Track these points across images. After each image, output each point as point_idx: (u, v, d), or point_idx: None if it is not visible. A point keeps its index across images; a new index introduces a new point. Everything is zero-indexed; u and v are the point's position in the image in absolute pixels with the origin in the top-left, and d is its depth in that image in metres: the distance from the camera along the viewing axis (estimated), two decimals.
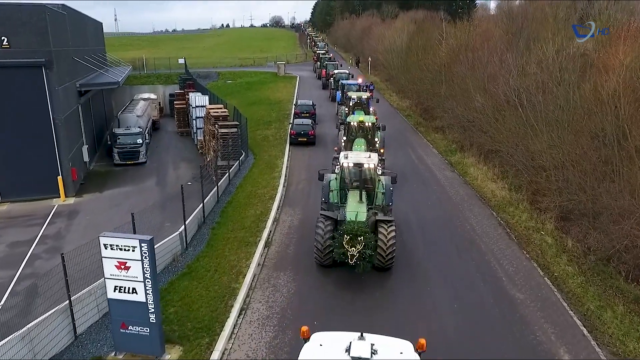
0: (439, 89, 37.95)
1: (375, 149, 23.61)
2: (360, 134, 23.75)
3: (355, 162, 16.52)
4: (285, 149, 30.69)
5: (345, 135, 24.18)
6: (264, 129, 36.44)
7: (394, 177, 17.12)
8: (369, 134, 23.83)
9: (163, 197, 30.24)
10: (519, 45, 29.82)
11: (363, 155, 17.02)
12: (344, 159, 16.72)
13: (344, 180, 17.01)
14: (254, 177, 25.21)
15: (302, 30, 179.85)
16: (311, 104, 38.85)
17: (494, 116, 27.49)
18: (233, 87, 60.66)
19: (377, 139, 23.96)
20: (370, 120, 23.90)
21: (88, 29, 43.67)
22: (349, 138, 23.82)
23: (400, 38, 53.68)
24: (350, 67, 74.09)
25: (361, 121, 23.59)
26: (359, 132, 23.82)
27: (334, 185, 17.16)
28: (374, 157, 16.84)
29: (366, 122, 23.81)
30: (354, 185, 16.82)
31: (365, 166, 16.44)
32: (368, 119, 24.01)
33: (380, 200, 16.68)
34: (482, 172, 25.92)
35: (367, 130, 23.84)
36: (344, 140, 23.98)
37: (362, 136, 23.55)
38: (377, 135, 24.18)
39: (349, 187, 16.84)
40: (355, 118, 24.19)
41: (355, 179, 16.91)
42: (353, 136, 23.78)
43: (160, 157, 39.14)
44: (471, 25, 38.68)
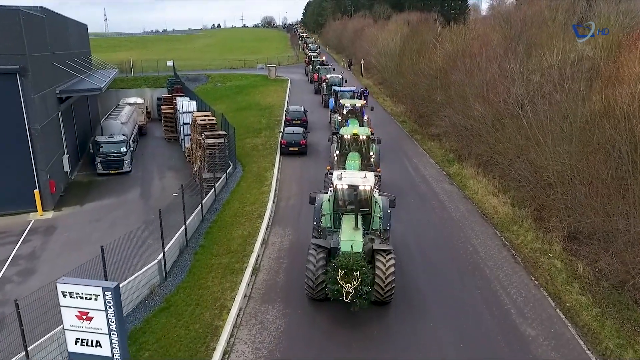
0: (434, 95, 36.73)
1: (371, 164, 22.16)
2: (354, 148, 22.32)
3: (350, 183, 15.09)
4: (276, 160, 29.27)
5: (338, 148, 22.76)
6: (254, 137, 34.99)
7: (392, 200, 15.69)
8: (364, 147, 22.41)
9: (147, 209, 28.75)
10: (517, 51, 28.65)
11: (358, 175, 15.59)
12: (337, 179, 15.29)
13: (337, 203, 15.61)
14: (242, 192, 23.76)
15: (293, 31, 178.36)
16: (302, 111, 37.45)
17: (493, 125, 26.29)
18: (222, 90, 59.11)
19: (372, 153, 22.58)
20: (365, 133, 22.38)
21: (70, 32, 41.95)
22: (342, 152, 22.39)
23: (393, 41, 52.46)
24: (343, 69, 72.81)
25: (355, 134, 22.15)
26: (352, 145, 22.38)
27: (326, 208, 15.73)
28: (370, 178, 15.42)
29: (360, 135, 22.26)
30: (349, 209, 15.42)
31: (361, 188, 15.01)
32: (362, 131, 22.58)
33: (377, 224, 15.27)
34: (482, 185, 24.69)
35: (362, 144, 22.40)
36: (337, 154, 22.56)
37: (356, 150, 22.11)
38: (373, 149, 22.76)
39: (343, 211, 15.46)
40: (349, 130, 22.61)
41: (350, 201, 15.50)
42: (346, 150, 22.34)
43: (145, 165, 37.59)
44: (467, 29, 37.50)
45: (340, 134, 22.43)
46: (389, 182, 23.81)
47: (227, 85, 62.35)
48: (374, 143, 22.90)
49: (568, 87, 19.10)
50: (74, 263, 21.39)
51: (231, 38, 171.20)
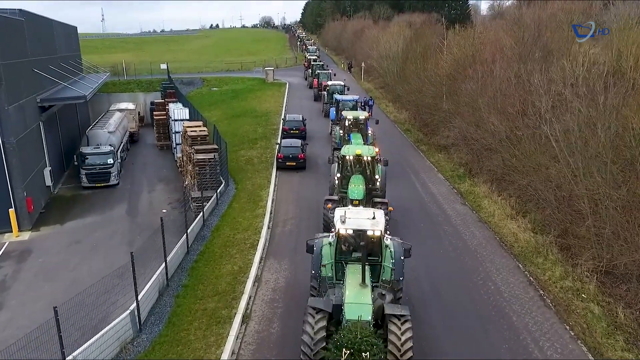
0: (441, 104, 34.55)
1: (376, 188, 19.76)
2: (357, 170, 19.92)
3: (356, 227, 12.60)
4: (272, 176, 27.01)
5: (339, 170, 20.27)
6: (249, 149, 32.75)
7: (407, 249, 13.12)
8: (368, 169, 20.03)
9: (133, 229, 26.52)
10: (534, 58, 26.47)
11: (365, 216, 13.17)
12: (340, 223, 12.72)
13: (340, 249, 13.12)
14: (234, 216, 21.50)
15: (292, 32, 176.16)
16: (301, 120, 35.20)
17: (508, 139, 24.10)
18: (218, 95, 56.88)
19: (377, 177, 20.09)
20: (370, 154, 19.75)
21: (57, 35, 39.67)
22: (343, 174, 20.04)
23: (396, 44, 50.30)
24: (345, 73, 70.60)
25: (358, 155, 19.64)
26: (355, 167, 20.00)
27: (327, 255, 13.19)
28: (379, 219, 13.00)
29: (365, 156, 19.74)
30: (354, 257, 12.99)
31: (370, 233, 12.55)
32: (367, 151, 19.95)
33: (389, 275, 12.88)
34: (498, 206, 22.48)
35: (366, 166, 20.08)
36: (338, 177, 20.10)
37: (359, 172, 19.76)
38: (378, 171, 20.28)
39: (348, 260, 13.01)
40: (351, 150, 20.00)
41: (355, 248, 13.03)
42: (349, 172, 19.87)
43: (135, 177, 35.38)
44: (475, 33, 35.30)
45: (342, 154, 19.98)
46: (395, 201, 21.58)
47: (223, 89, 60.12)
48: (379, 163, 20.53)
49: (602, 101, 16.88)
50: (46, 297, 19.23)
51: (229, 39, 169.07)
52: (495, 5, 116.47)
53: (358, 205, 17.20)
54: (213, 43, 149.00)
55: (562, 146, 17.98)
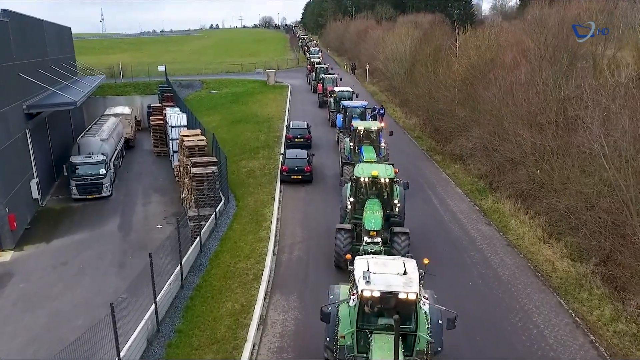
0: (456, 110, 32.38)
1: (395, 215, 17.20)
2: (373, 192, 17.36)
3: (385, 289, 9.90)
4: (276, 190, 24.79)
5: (352, 194, 17.47)
6: (250, 159, 30.53)
7: (451, 318, 10.02)
8: (386, 192, 17.40)
9: (124, 248, 24.39)
10: (562, 63, 24.31)
11: (394, 269, 10.43)
12: (363, 282, 9.96)
13: (363, 313, 10.40)
14: (235, 239, 19.28)
15: (292, 32, 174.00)
16: (306, 127, 32.99)
17: (538, 153, 21.93)
18: (217, 99, 54.68)
19: (396, 201, 17.32)
20: (388, 175, 17.06)
21: (48, 36, 37.47)
22: (357, 198, 17.46)
23: (403, 45, 48.08)
24: (348, 74, 68.39)
25: (375, 176, 16.92)
26: (371, 189, 17.41)
27: (346, 323, 10.50)
28: (412, 275, 10.29)
29: (382, 178, 17.06)
30: (382, 325, 10.29)
31: (402, 296, 9.78)
32: (384, 172, 17.13)
33: (424, 345, 10.17)
34: (527, 227, 20.31)
35: (384, 188, 17.42)
36: (351, 201, 17.41)
37: (375, 195, 17.33)
38: (397, 194, 17.52)
39: (373, 328, 10.32)
40: (367, 171, 17.17)
41: (385, 309, 10.34)
42: (364, 196, 17.38)
43: (129, 187, 33.24)
44: (492, 34, 33.09)
45: (356, 176, 17.27)
46: (413, 220, 19.39)
47: (223, 93, 57.94)
48: (397, 185, 17.73)
49: None
50: (24, 333, 17.09)
51: (229, 39, 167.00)
52: (497, 5, 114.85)
53: (375, 237, 15.01)
54: (213, 43, 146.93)
55: (610, 164, 15.79)
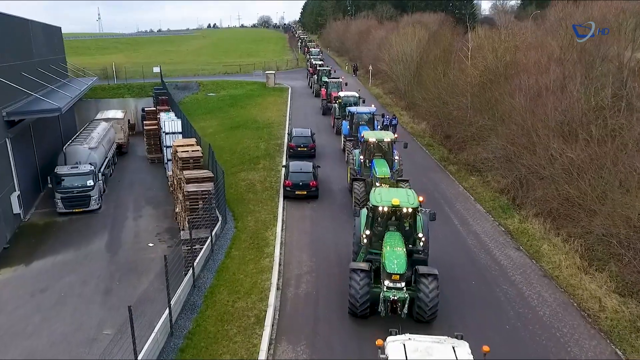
0: (471, 116, 30.12)
1: (418, 250, 14.46)
2: (393, 223, 14.74)
3: None
4: (278, 207, 22.43)
5: (368, 226, 14.77)
6: (250, 170, 28.16)
7: None
8: (407, 223, 14.79)
9: (112, 271, 22.07)
10: (594, 68, 22.07)
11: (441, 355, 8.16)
12: None
13: None
14: (233, 270, 16.89)
15: (291, 31, 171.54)
16: (310, 135, 30.67)
17: (575, 169, 19.65)
18: (215, 102, 52.32)
19: (421, 234, 14.53)
20: (411, 205, 14.39)
21: (35, 37, 35.08)
22: (374, 229, 14.87)
23: (409, 46, 45.81)
24: (350, 76, 66.07)
25: (396, 206, 14.24)
26: (390, 218, 14.75)
27: None
28: None
29: (404, 208, 14.36)
30: None
31: None
32: (407, 201, 14.44)
33: None
34: (562, 253, 18.01)
35: (405, 218, 14.76)
36: (367, 234, 14.69)
37: (395, 225, 14.64)
38: (420, 226, 14.75)
39: None
40: (385, 199, 14.51)
41: None
42: (381, 228, 14.80)
43: (120, 198, 30.91)
44: (508, 34, 30.81)
45: (373, 205, 14.61)
46: (432, 244, 16.91)
47: (220, 95, 55.59)
48: (419, 213, 14.84)
49: None
50: None
51: (227, 39, 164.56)
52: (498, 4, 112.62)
53: (398, 281, 12.68)
54: (211, 43, 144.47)
55: None
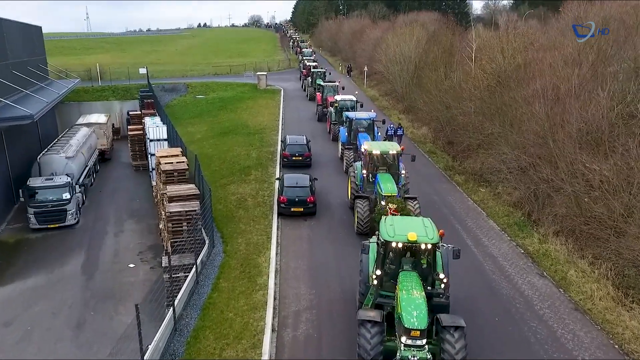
0: (478, 122, 28.15)
1: (439, 293, 12.14)
2: (408, 261, 12.37)
3: None
4: (272, 226, 20.20)
5: (379, 263, 12.32)
6: (240, 182, 25.90)
7: None
8: (425, 261, 12.49)
9: (87, 299, 19.72)
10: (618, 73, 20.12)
11: None
12: None
13: None
14: (221, 307, 14.63)
15: (283, 31, 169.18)
16: (305, 143, 28.48)
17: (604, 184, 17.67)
18: (204, 105, 49.95)
19: (441, 274, 12.16)
20: (430, 240, 11.92)
21: (11, 37, 32.58)
22: (385, 268, 12.43)
23: (408, 47, 43.84)
24: (344, 77, 63.95)
25: (413, 242, 11.73)
26: (405, 255, 12.39)
27: None
28: None
29: (422, 244, 11.88)
30: None
31: None
32: (425, 234, 12.01)
33: None
34: (592, 280, 16.02)
35: (424, 255, 12.45)
36: (378, 275, 12.13)
37: (410, 264, 12.34)
38: (440, 264, 12.59)
39: None
40: (400, 234, 11.96)
41: None
42: (394, 266, 12.41)
43: (100, 210, 28.46)
44: (516, 34, 28.86)
45: (384, 239, 12.03)
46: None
47: (210, 98, 53.22)
48: (440, 250, 12.53)
49: None
50: None
51: (217, 38, 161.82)
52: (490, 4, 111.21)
53: (419, 338, 10.48)
54: (200, 43, 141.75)
55: None
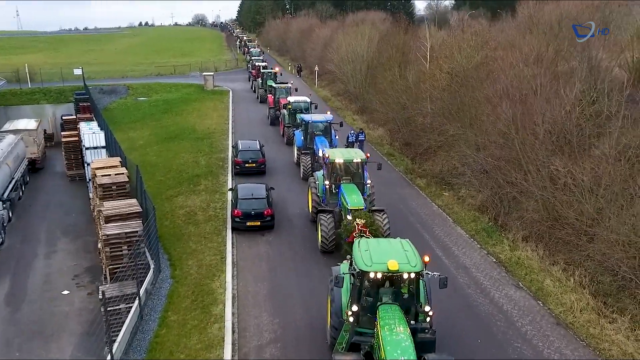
0: (434, 122, 27.40)
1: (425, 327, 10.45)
2: (388, 292, 10.60)
3: None
4: (227, 244, 18.23)
5: (355, 297, 10.45)
6: (189, 193, 23.68)
7: None
8: (406, 290, 10.75)
9: (9, 336, 16.77)
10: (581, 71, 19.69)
11: None
12: None
13: None
14: (170, 347, 12.52)
15: (228, 30, 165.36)
16: (258, 148, 26.58)
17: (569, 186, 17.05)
18: (146, 107, 46.80)
19: (427, 307, 10.52)
20: (414, 269, 10.22)
21: None
22: (362, 301, 10.61)
23: (360, 46, 42.83)
24: (294, 77, 62.23)
25: (394, 272, 10.00)
26: (383, 285, 10.60)
27: None
28: None
29: (404, 273, 10.18)
30: None
31: None
32: (407, 262, 10.30)
33: None
34: (568, 289, 15.26)
35: (405, 286, 10.70)
36: (354, 311, 10.32)
37: (390, 296, 10.56)
38: (423, 295, 10.95)
39: None
40: (377, 259, 10.30)
41: None
42: (371, 298, 10.65)
43: (30, 228, 25.20)
44: (472, 34, 28.31)
45: (361, 270, 10.27)
46: None
47: (153, 100, 50.05)
48: (421, 278, 10.65)
49: None
50: None
51: (160, 37, 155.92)
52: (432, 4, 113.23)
53: None
54: (142, 42, 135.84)
55: None
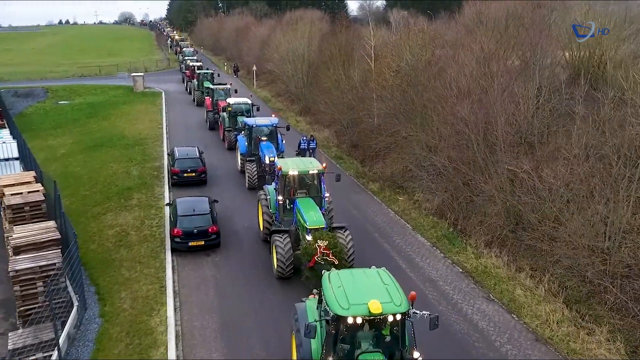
0: (384, 123, 26.35)
1: None
2: (367, 336, 9.23)
3: None
4: (166, 269, 15.90)
5: (330, 347, 8.91)
6: (119, 209, 20.89)
7: None
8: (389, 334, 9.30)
9: None
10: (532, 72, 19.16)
11: None
12: None
13: None
14: None
15: (159, 29, 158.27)
16: (197, 156, 24.16)
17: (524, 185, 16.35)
18: (68, 112, 42.54)
19: (416, 354, 9.11)
20: (398, 309, 8.84)
21: None
22: (338, 350, 9.06)
23: (301, 45, 41.25)
24: (231, 77, 59.53)
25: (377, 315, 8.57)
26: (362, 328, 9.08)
27: None
28: None
29: (390, 315, 8.77)
30: None
31: None
32: (391, 302, 8.93)
33: None
34: (541, 299, 14.46)
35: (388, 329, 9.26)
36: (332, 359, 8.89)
37: (370, 339, 9.22)
38: (408, 336, 9.51)
39: None
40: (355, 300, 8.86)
41: None
42: (348, 346, 9.13)
43: None
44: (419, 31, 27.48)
45: (336, 314, 8.72)
46: None
47: (76, 103, 45.73)
48: (407, 318, 9.19)
49: None
50: None
51: (83, 36, 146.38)
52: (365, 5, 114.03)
53: None
54: (63, 41, 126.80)
55: None
